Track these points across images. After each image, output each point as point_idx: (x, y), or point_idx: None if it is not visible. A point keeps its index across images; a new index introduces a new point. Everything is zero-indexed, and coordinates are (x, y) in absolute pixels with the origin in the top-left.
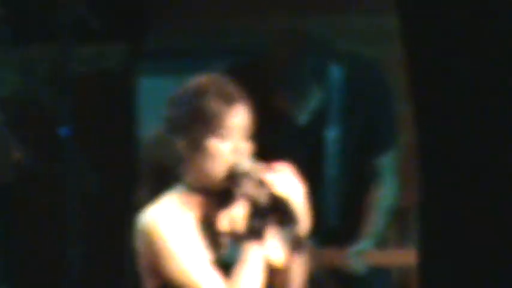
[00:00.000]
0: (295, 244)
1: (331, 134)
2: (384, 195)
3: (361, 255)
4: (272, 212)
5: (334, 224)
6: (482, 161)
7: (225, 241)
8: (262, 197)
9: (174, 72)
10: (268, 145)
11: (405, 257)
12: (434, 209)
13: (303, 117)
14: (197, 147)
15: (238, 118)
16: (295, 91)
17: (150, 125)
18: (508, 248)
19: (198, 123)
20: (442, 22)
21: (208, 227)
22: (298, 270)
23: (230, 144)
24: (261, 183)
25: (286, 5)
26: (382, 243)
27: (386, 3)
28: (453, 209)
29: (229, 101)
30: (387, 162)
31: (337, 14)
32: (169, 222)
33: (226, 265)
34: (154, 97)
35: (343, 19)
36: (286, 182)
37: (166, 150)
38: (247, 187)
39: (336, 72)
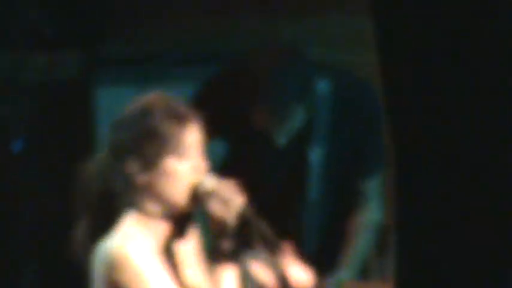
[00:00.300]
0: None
1: (315, 155)
2: (368, 221)
3: (340, 285)
4: (242, 231)
5: (313, 250)
6: (482, 161)
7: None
8: (230, 217)
9: (134, 81)
10: (244, 166)
11: None
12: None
13: (283, 138)
14: (153, 168)
15: (193, 136)
16: (277, 110)
17: None
18: (508, 249)
19: (153, 143)
20: (442, 22)
21: (169, 254)
22: None
23: (188, 163)
24: (228, 202)
25: (256, 8)
26: (363, 273)
27: (364, 6)
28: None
29: (182, 119)
30: (374, 186)
31: (310, 16)
32: (139, 250)
33: None
34: (113, 108)
35: (316, 22)
36: (295, 270)
37: (110, 177)
38: (214, 207)
39: (322, 87)
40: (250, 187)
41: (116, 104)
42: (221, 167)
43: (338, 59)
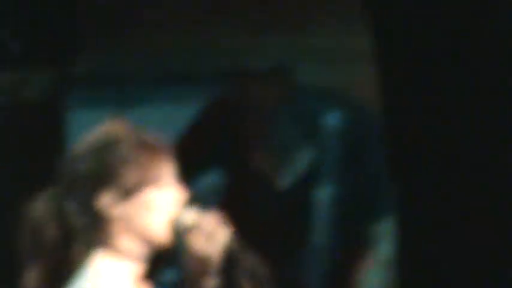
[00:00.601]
0: None
1: (322, 195)
2: (377, 263)
3: None
4: (228, 268)
5: None
6: (482, 161)
7: None
8: (215, 252)
9: (109, 103)
10: (239, 204)
11: None
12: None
13: (286, 182)
14: (130, 198)
15: (167, 166)
16: (279, 152)
17: None
18: (508, 249)
19: (129, 171)
20: (442, 22)
21: None
22: None
23: (168, 192)
24: (212, 235)
25: (240, 24)
26: None
27: (355, 19)
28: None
29: (153, 148)
30: (385, 228)
31: (300, 32)
32: None
33: None
34: (85, 131)
35: (306, 38)
36: None
37: (69, 214)
38: (196, 242)
39: (332, 122)
40: (245, 225)
41: (89, 128)
42: (216, 200)
43: (330, 77)
